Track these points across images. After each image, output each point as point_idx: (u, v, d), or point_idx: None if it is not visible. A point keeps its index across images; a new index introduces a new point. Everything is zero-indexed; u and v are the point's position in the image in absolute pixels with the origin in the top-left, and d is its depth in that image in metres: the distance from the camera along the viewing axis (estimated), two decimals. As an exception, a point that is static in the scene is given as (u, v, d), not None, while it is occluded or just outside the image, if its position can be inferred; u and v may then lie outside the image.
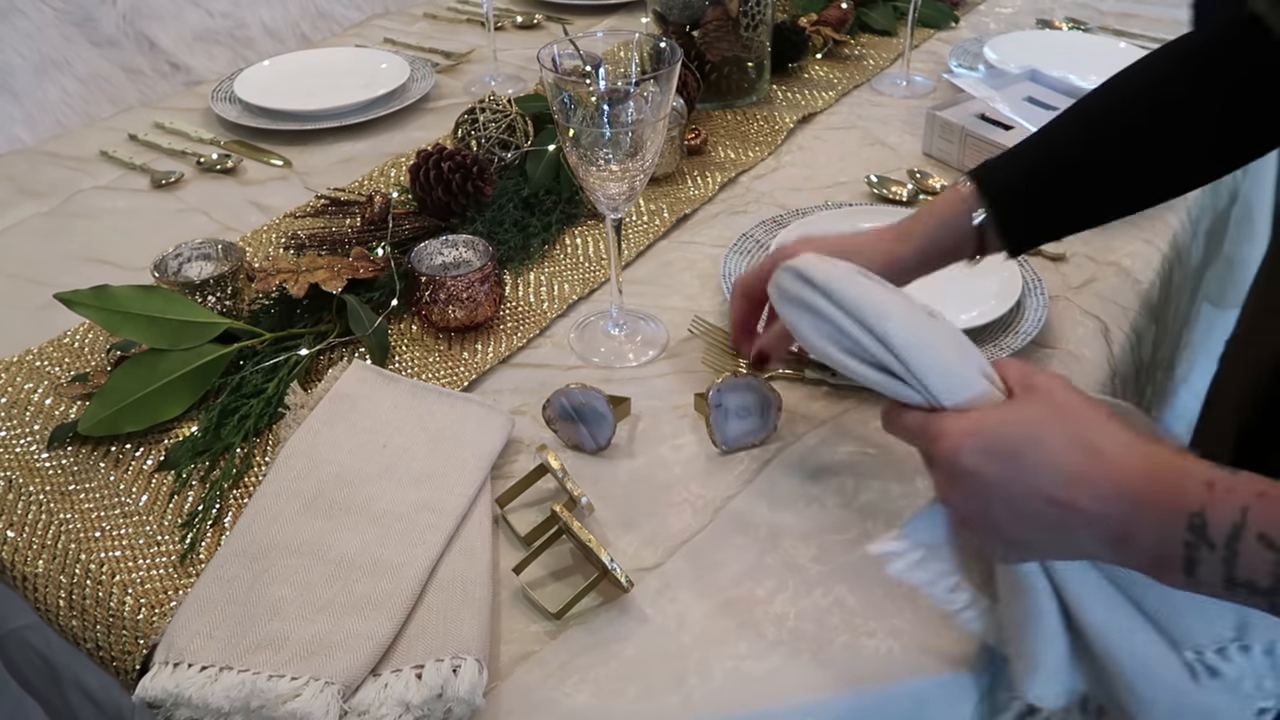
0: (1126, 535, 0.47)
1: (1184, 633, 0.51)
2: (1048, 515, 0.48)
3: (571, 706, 0.61)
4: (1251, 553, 0.43)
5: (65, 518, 0.74)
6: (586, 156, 0.79)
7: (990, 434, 0.49)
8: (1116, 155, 0.72)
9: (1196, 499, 0.45)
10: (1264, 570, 0.43)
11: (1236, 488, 0.44)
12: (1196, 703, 0.52)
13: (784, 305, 0.56)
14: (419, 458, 0.75)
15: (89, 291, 0.82)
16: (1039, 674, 0.55)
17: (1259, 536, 0.43)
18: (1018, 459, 0.49)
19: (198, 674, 0.60)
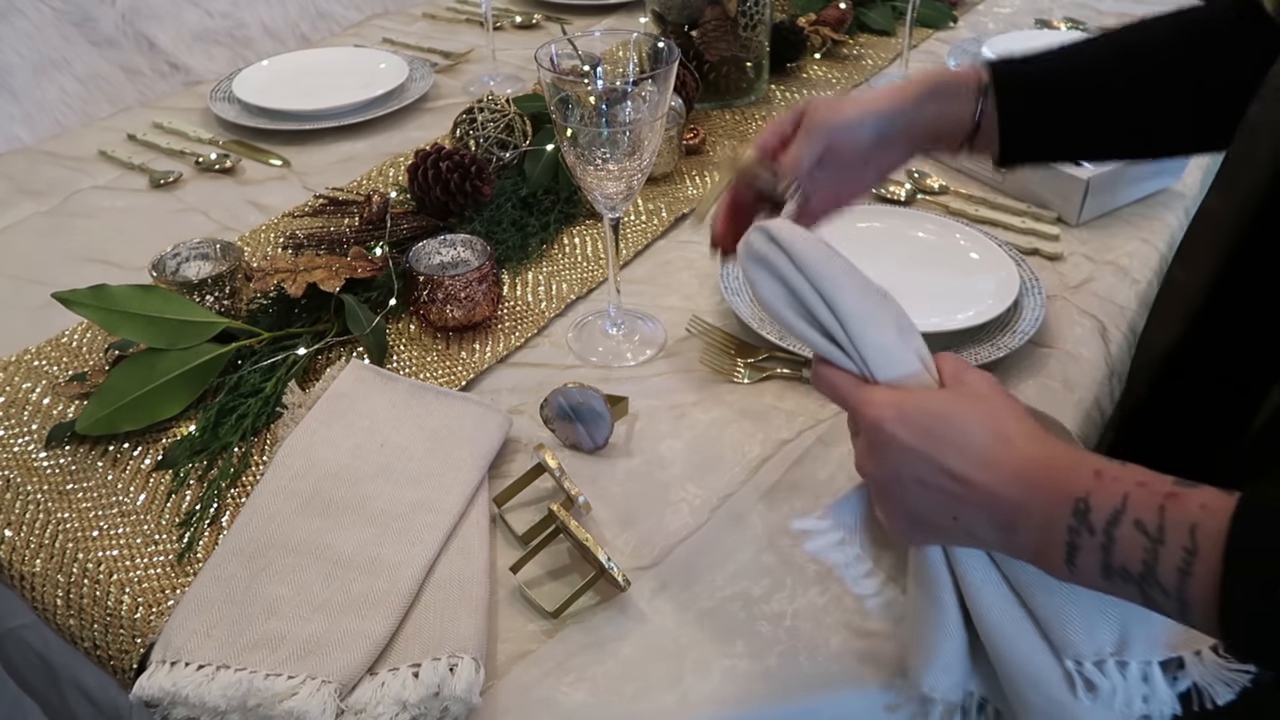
0: (1016, 520, 0.49)
1: (1067, 642, 0.52)
2: (949, 492, 0.50)
3: (568, 705, 0.61)
4: (1127, 539, 0.45)
5: (63, 517, 0.74)
6: (584, 156, 0.79)
7: (912, 408, 0.51)
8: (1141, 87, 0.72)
9: (1083, 485, 0.46)
10: (1136, 557, 0.45)
11: (1122, 476, 0.46)
12: (1071, 714, 0.53)
13: (748, 263, 0.57)
14: (416, 457, 0.75)
15: (87, 291, 0.82)
16: (934, 666, 0.56)
17: (1135, 523, 0.45)
18: (933, 434, 0.50)
19: (195, 673, 0.60)
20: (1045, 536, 0.48)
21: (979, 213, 1.08)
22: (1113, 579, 0.46)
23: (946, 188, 1.13)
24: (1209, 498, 0.44)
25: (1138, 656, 0.52)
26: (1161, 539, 0.44)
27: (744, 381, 0.86)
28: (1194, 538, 0.43)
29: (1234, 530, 0.42)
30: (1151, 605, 0.46)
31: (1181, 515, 0.44)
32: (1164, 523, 0.44)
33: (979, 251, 0.97)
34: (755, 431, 0.81)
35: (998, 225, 1.06)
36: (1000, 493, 0.49)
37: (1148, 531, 0.44)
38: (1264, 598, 0.42)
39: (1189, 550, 0.43)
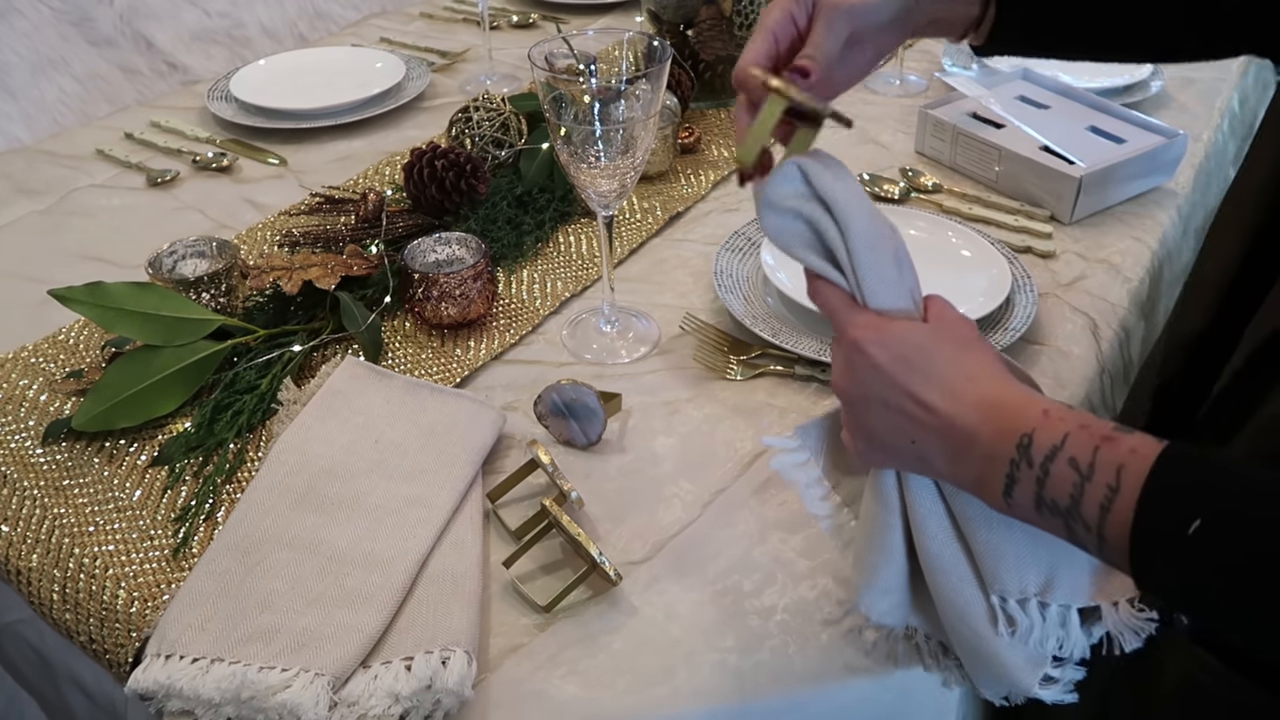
0: (965, 449, 0.51)
1: (997, 578, 0.55)
2: (911, 415, 0.53)
3: (560, 698, 0.61)
4: (1060, 474, 0.47)
5: (59, 512, 0.75)
6: (578, 154, 0.80)
7: (892, 335, 0.54)
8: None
9: (1030, 422, 0.49)
10: (1065, 492, 0.47)
11: (1066, 417, 0.49)
12: (991, 650, 0.56)
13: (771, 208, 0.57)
14: (410, 453, 0.75)
15: (83, 288, 0.83)
16: (873, 588, 0.59)
17: (1069, 460, 0.47)
18: (906, 361, 0.53)
19: (189, 666, 0.60)
20: (989, 467, 0.50)
21: (972, 211, 1.08)
22: (1043, 511, 0.49)
23: (940, 186, 1.14)
24: (1140, 443, 0.46)
25: (1059, 600, 0.55)
26: (1090, 476, 0.46)
27: (737, 378, 0.86)
28: (1119, 477, 0.46)
29: (1153, 473, 0.45)
30: (1074, 539, 0.49)
31: (1112, 456, 0.46)
32: (1095, 461, 0.47)
33: (970, 249, 0.97)
34: (747, 428, 0.81)
35: (991, 223, 1.06)
36: (956, 422, 0.51)
37: (1079, 469, 0.47)
38: (1167, 537, 0.44)
39: (1112, 488, 0.46)
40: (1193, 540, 0.43)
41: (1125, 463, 0.46)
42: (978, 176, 1.15)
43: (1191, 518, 0.44)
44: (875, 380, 0.54)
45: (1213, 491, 0.45)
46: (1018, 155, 1.09)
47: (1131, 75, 1.32)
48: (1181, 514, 0.44)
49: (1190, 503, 0.44)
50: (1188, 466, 0.45)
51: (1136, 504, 0.45)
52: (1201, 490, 0.45)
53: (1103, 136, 1.11)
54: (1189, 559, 0.44)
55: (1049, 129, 1.13)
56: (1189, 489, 0.45)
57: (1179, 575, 0.45)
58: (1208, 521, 0.43)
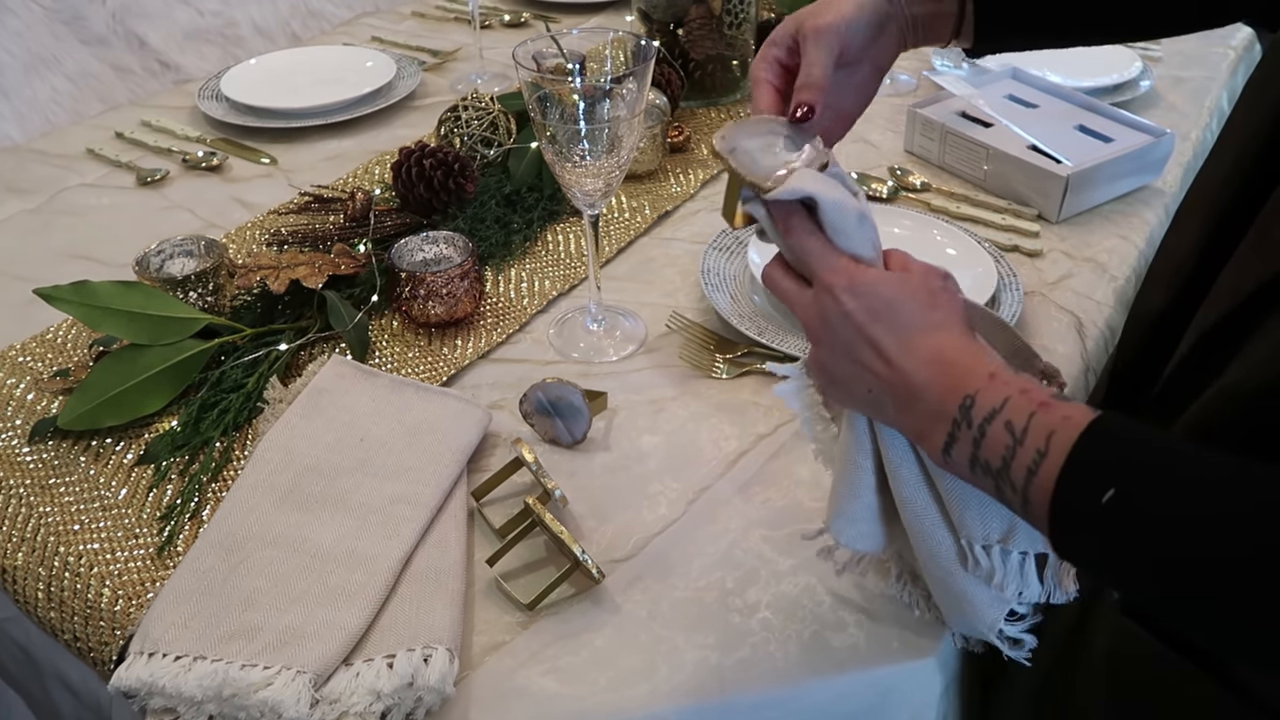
0: (912, 403, 0.53)
1: (963, 524, 0.57)
2: (869, 366, 0.55)
3: (542, 696, 0.62)
4: (995, 436, 0.49)
5: (45, 511, 0.75)
6: (563, 153, 0.80)
7: (864, 284, 0.55)
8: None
9: (975, 384, 0.51)
10: (998, 454, 0.49)
11: (1010, 382, 0.50)
12: (960, 587, 0.59)
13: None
14: (396, 451, 0.76)
15: (69, 287, 0.83)
16: (840, 517, 0.62)
17: (1006, 423, 0.49)
18: (872, 312, 0.54)
19: (172, 664, 0.60)
20: (933, 423, 0.52)
21: (960, 210, 1.09)
22: (976, 471, 0.50)
23: (929, 185, 1.14)
24: (1075, 411, 0.47)
25: (1019, 547, 0.57)
26: (1022, 440, 0.48)
27: (723, 377, 0.87)
28: (1048, 442, 0.47)
29: (1079, 441, 0.46)
30: (1003, 499, 0.50)
31: (1045, 422, 0.47)
32: (1029, 426, 0.48)
33: (956, 247, 0.97)
34: (733, 426, 0.81)
35: (978, 222, 1.07)
36: (908, 376, 0.53)
37: (1014, 432, 0.48)
38: (1083, 505, 0.46)
39: (1040, 453, 0.47)
40: (1106, 510, 0.44)
41: (1056, 429, 0.47)
42: (966, 175, 1.15)
43: (1106, 487, 0.44)
44: (843, 327, 0.55)
45: (1131, 463, 0.45)
46: (1006, 154, 1.09)
47: (1120, 74, 1.32)
48: (1098, 483, 0.45)
49: (1108, 473, 0.45)
50: (1115, 437, 0.46)
51: (1059, 471, 0.46)
52: (1122, 462, 0.46)
53: (1091, 135, 1.12)
54: (1102, 528, 0.45)
55: (1037, 128, 1.13)
56: (1110, 459, 0.46)
57: (1093, 543, 0.47)
58: (1122, 492, 0.44)
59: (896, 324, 0.54)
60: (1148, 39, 0.92)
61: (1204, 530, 0.43)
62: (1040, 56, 1.34)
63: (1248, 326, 0.54)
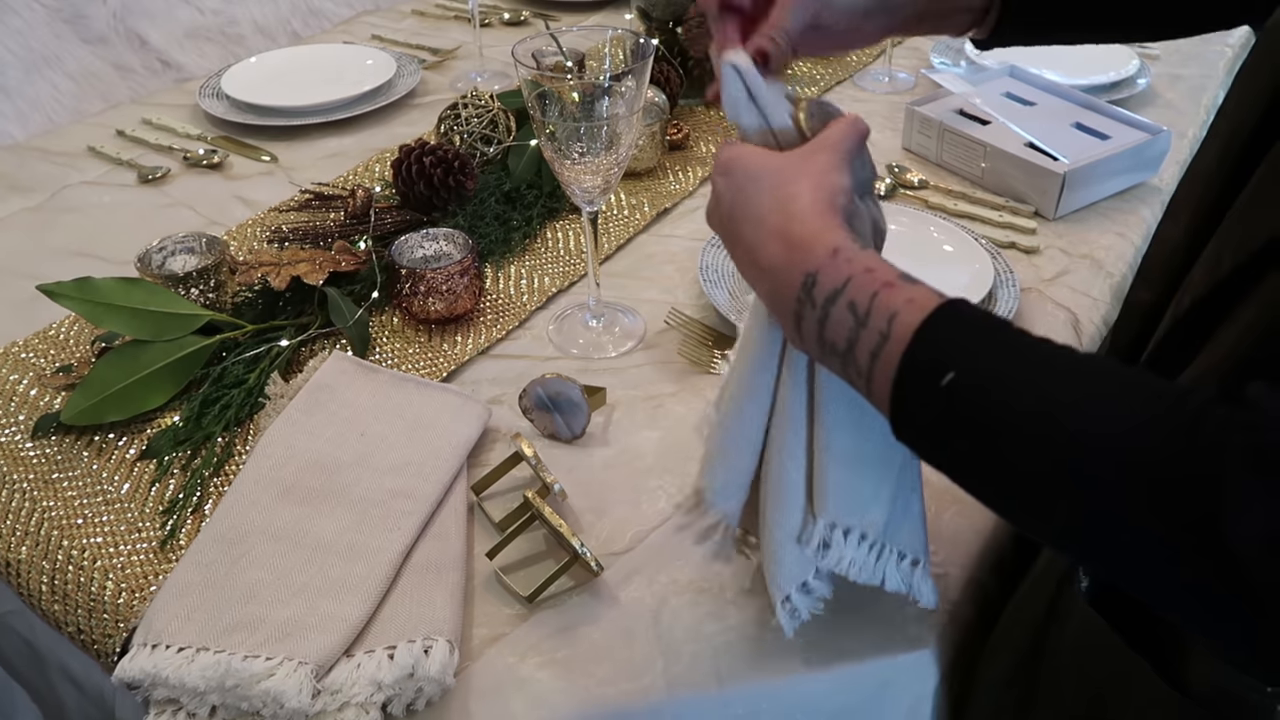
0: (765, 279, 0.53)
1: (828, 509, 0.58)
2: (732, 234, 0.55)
3: (541, 687, 0.62)
4: (838, 317, 0.48)
5: (48, 505, 0.75)
6: (562, 150, 0.81)
7: (738, 162, 0.55)
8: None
9: (816, 261, 0.50)
10: (842, 335, 0.48)
11: (854, 260, 0.49)
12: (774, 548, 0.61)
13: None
14: (396, 446, 0.76)
15: (72, 283, 0.83)
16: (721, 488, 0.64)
17: (849, 304, 0.48)
18: (738, 186, 0.55)
19: (175, 655, 0.61)
20: (782, 301, 0.51)
21: (958, 207, 1.09)
22: (824, 350, 0.50)
23: (926, 182, 1.14)
24: (920, 294, 0.47)
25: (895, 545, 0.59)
26: (865, 322, 0.47)
27: (721, 373, 0.87)
28: (891, 324, 0.46)
29: (923, 325, 0.45)
30: (849, 380, 0.50)
31: (888, 303, 0.47)
32: (871, 308, 0.47)
33: (953, 244, 0.98)
34: (731, 421, 0.82)
35: (976, 219, 1.07)
36: (759, 249, 0.53)
37: (857, 313, 0.47)
38: (923, 388, 0.45)
39: (883, 334, 0.46)
40: (945, 393, 0.44)
41: (899, 311, 0.46)
42: (964, 173, 1.15)
43: (946, 370, 0.44)
44: (719, 198, 0.56)
45: (973, 348, 0.45)
46: (1003, 152, 1.10)
47: (1118, 72, 1.32)
48: (938, 366, 0.44)
49: (949, 356, 0.44)
50: (958, 323, 0.46)
51: (901, 354, 0.45)
52: (963, 346, 0.45)
53: (1088, 133, 1.12)
54: (940, 413, 0.44)
55: (1035, 125, 1.13)
56: (952, 342, 0.45)
57: (931, 428, 0.46)
58: (961, 376, 0.43)
59: (756, 199, 0.53)
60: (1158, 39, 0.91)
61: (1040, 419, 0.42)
62: (1038, 55, 1.35)
63: (1220, 314, 0.54)
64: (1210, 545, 0.37)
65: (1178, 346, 0.57)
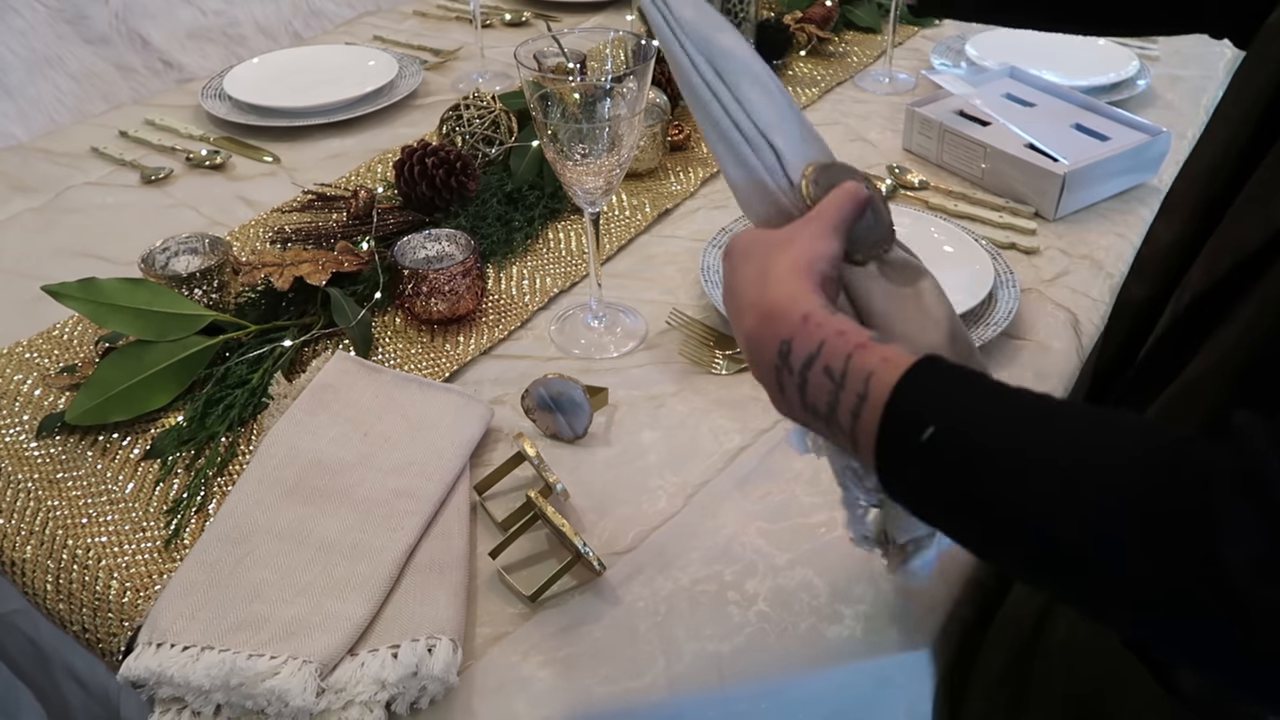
0: (750, 350, 0.54)
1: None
2: (730, 311, 0.56)
3: (543, 686, 0.63)
4: (817, 381, 0.49)
5: (53, 505, 0.76)
6: (564, 152, 0.81)
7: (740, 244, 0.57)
8: None
9: (789, 329, 0.50)
10: (823, 399, 0.49)
11: (825, 324, 0.50)
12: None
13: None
14: (399, 446, 0.77)
15: (76, 284, 0.84)
16: None
17: (825, 368, 0.48)
18: (733, 264, 0.56)
19: (180, 654, 0.61)
20: (764, 368, 0.52)
21: (958, 208, 1.10)
22: (809, 415, 0.51)
23: (926, 183, 1.15)
24: (894, 353, 0.47)
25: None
26: (843, 384, 0.48)
27: (722, 373, 0.88)
28: (868, 385, 0.47)
29: (900, 382, 0.46)
30: (837, 443, 0.51)
31: (863, 364, 0.47)
32: (847, 370, 0.48)
33: (953, 245, 0.98)
34: (732, 421, 0.82)
35: (976, 220, 1.08)
36: (740, 320, 0.54)
37: (833, 376, 0.48)
38: (905, 444, 0.45)
39: (861, 396, 0.47)
40: (926, 448, 0.44)
41: (875, 370, 0.47)
42: (964, 174, 1.16)
43: (926, 426, 0.44)
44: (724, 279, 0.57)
45: (951, 401, 0.45)
46: (1003, 153, 1.10)
47: (1118, 73, 1.33)
48: (918, 421, 0.45)
49: (928, 411, 0.45)
50: (934, 378, 0.46)
51: (882, 412, 0.46)
52: (941, 399, 0.45)
53: (1087, 134, 1.13)
54: (925, 468, 0.45)
55: (1034, 126, 1.14)
56: (929, 399, 0.45)
57: (917, 483, 0.46)
58: (941, 430, 0.44)
59: (743, 274, 0.55)
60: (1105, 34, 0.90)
61: (1020, 468, 0.42)
62: (1039, 56, 1.35)
63: (1219, 311, 0.54)
64: (1207, 574, 0.37)
65: (1176, 344, 0.58)
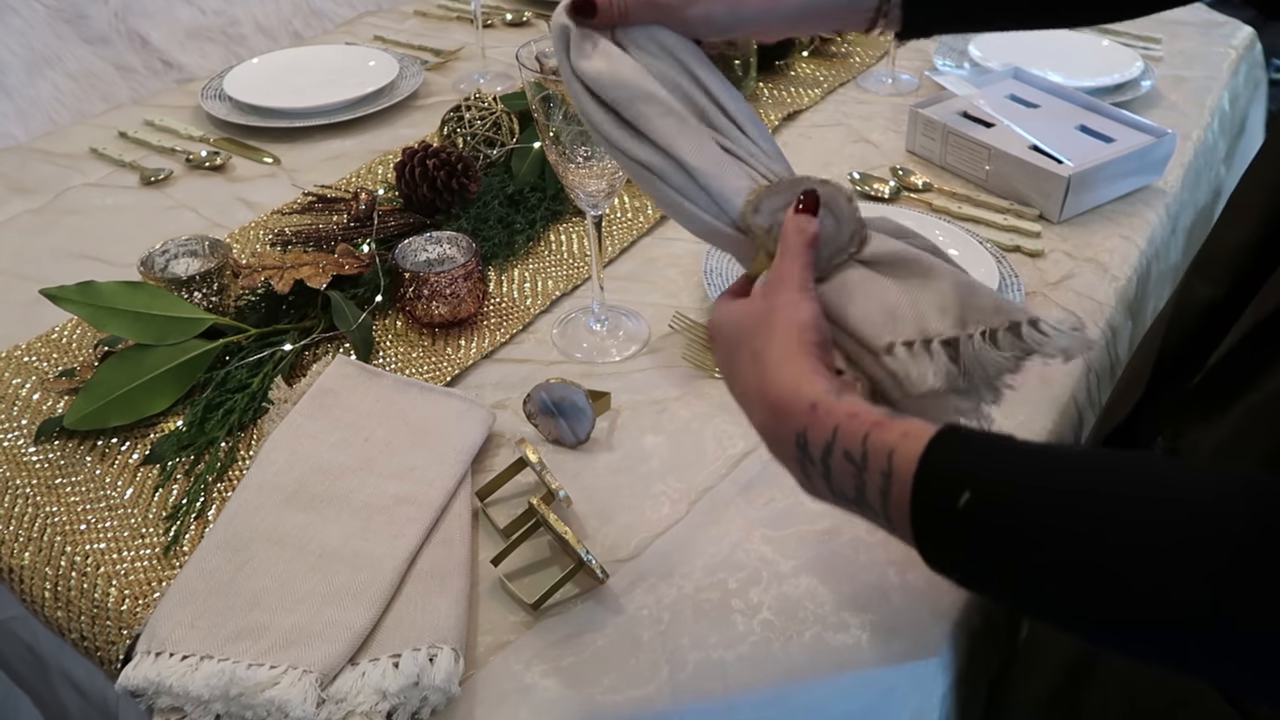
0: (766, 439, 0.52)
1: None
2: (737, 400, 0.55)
3: (546, 695, 0.62)
4: (839, 468, 0.48)
5: (51, 511, 0.75)
6: (566, 154, 0.80)
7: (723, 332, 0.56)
8: None
9: (801, 421, 0.49)
10: (849, 483, 0.47)
11: (834, 410, 0.48)
12: None
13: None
14: (400, 452, 0.76)
15: (75, 287, 0.83)
16: None
17: (844, 453, 0.47)
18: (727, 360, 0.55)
19: (179, 663, 0.61)
20: (787, 460, 0.51)
21: (962, 210, 1.09)
22: (839, 500, 0.49)
23: (930, 185, 1.14)
24: (912, 427, 0.46)
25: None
26: (865, 466, 0.46)
27: (725, 377, 0.87)
28: (890, 461, 0.45)
29: (924, 454, 0.44)
30: (873, 523, 0.49)
31: (882, 442, 0.46)
32: (866, 450, 0.46)
33: (957, 248, 0.98)
34: (735, 426, 0.82)
35: (980, 222, 1.07)
36: (751, 414, 0.53)
37: (854, 460, 0.47)
38: (942, 514, 0.44)
39: (886, 474, 0.45)
40: (964, 514, 0.43)
41: (896, 447, 0.45)
42: (968, 175, 1.15)
43: (961, 491, 0.43)
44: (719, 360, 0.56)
45: (983, 465, 0.44)
46: (1007, 154, 1.10)
47: (1122, 74, 1.32)
48: (952, 489, 0.43)
49: (960, 478, 0.43)
50: (959, 445, 0.45)
51: (911, 486, 0.44)
52: (971, 465, 0.44)
53: (1092, 136, 1.12)
54: (966, 535, 0.43)
55: (1038, 128, 1.13)
56: (959, 465, 0.44)
57: (961, 553, 0.44)
58: (977, 494, 0.42)
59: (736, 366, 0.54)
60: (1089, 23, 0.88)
61: (1077, 513, 0.41)
62: (1042, 56, 1.34)
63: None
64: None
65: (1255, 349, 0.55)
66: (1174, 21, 1.56)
